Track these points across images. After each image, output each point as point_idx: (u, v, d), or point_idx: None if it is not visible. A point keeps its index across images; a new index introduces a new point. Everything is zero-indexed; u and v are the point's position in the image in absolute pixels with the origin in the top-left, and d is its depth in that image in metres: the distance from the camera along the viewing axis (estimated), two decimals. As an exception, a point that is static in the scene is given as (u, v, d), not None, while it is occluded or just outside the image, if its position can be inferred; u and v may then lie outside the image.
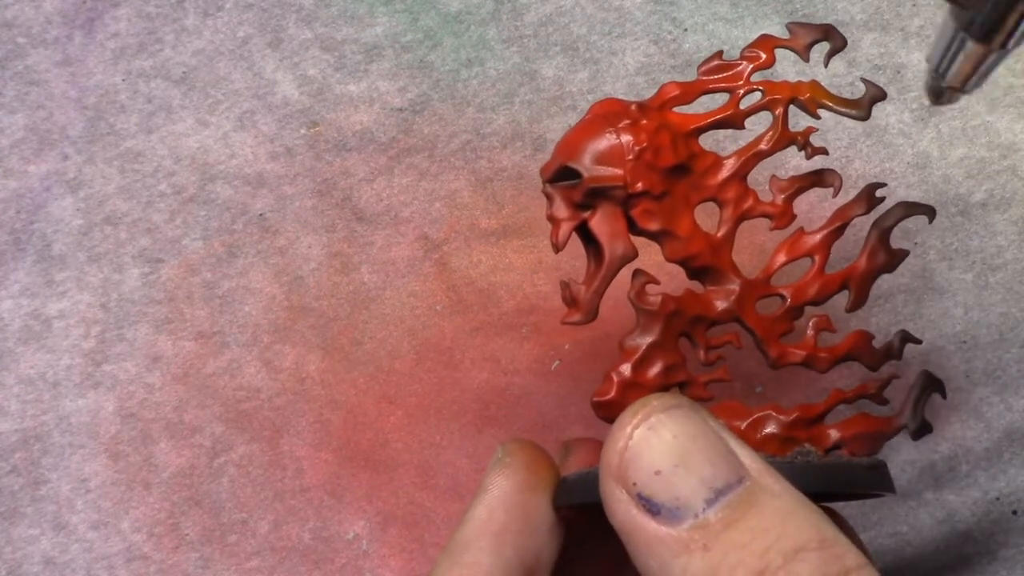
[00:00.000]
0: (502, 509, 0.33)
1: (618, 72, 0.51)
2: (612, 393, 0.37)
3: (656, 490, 0.28)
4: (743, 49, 0.40)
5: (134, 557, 0.45)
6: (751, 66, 0.40)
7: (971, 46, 0.31)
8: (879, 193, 0.41)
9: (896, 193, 0.49)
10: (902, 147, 0.49)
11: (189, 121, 0.52)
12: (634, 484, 0.28)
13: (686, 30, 0.52)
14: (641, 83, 0.51)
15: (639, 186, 0.37)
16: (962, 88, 0.32)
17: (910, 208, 0.40)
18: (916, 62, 0.51)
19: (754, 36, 0.51)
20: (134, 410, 0.47)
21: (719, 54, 0.40)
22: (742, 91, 0.40)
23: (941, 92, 0.33)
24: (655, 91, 0.40)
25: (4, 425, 0.47)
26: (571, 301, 0.37)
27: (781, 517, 0.28)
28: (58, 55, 0.53)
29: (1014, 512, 0.44)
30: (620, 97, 0.39)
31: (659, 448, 0.29)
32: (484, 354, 0.47)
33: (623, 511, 0.28)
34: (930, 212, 0.40)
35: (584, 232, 0.37)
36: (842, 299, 0.40)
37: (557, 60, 0.51)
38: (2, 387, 0.47)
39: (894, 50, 0.51)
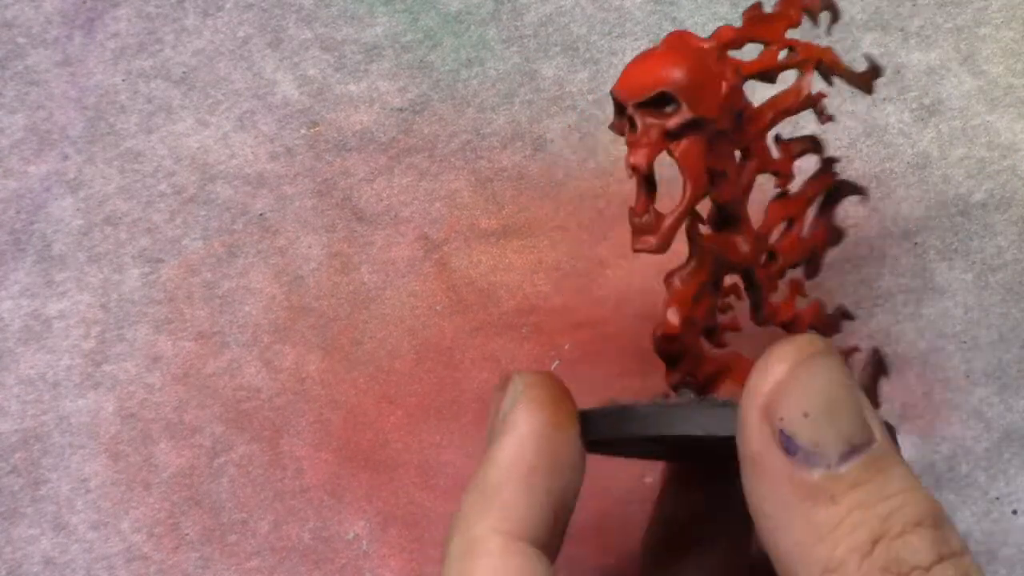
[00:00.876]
0: (532, 448, 0.31)
1: (618, 72, 0.51)
2: (677, 328, 0.36)
3: (800, 430, 0.28)
4: (775, 4, 0.40)
5: (134, 557, 0.45)
6: (785, 22, 0.40)
7: None
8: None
9: (896, 193, 0.49)
10: (902, 147, 0.49)
11: (189, 121, 0.52)
12: (781, 419, 0.28)
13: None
14: (641, 83, 0.51)
15: (726, 123, 0.37)
16: None
17: (846, 187, 0.41)
18: (916, 62, 0.51)
19: (754, 36, 0.51)
20: (134, 410, 0.47)
21: (759, 4, 0.40)
22: (778, 46, 0.40)
23: None
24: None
25: (4, 425, 0.47)
26: (647, 227, 0.36)
27: (904, 488, 0.28)
28: (58, 55, 0.53)
29: (1014, 512, 0.44)
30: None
31: (813, 390, 0.29)
32: (484, 354, 0.47)
33: (761, 443, 0.28)
34: (862, 192, 0.42)
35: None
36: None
37: (557, 60, 0.51)
38: (2, 387, 0.47)
39: (894, 50, 0.51)
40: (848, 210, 0.48)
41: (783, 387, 0.29)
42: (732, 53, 0.38)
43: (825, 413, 0.28)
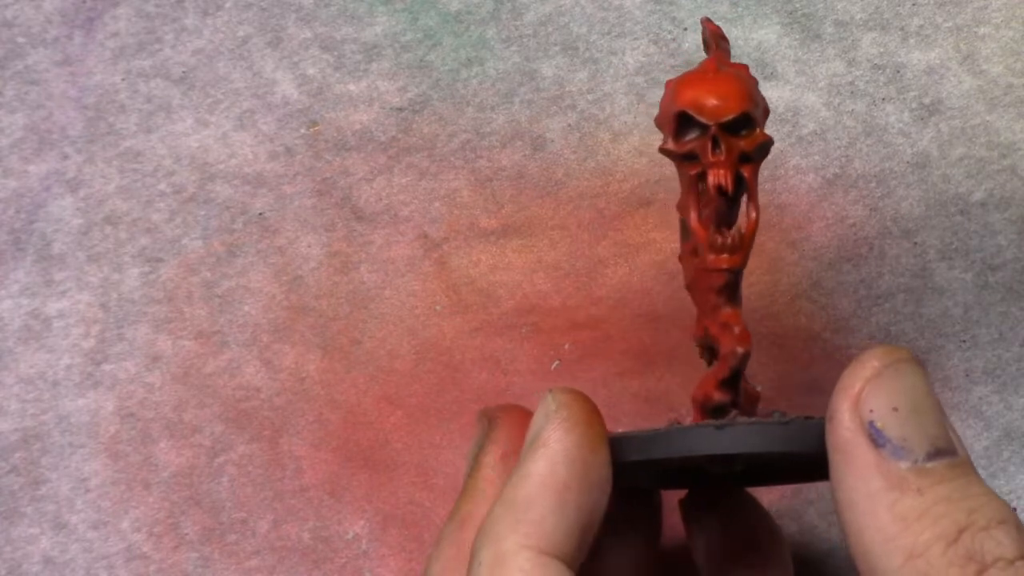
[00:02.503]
0: (564, 465, 0.32)
1: (618, 72, 0.51)
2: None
3: (889, 424, 0.30)
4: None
5: (134, 557, 0.45)
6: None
7: None
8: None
9: (896, 193, 0.49)
10: (902, 147, 0.49)
11: (189, 121, 0.52)
12: (870, 411, 0.30)
13: (686, 30, 0.52)
14: (641, 83, 0.51)
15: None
16: None
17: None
18: (916, 62, 0.51)
19: (754, 36, 0.52)
20: (134, 410, 0.47)
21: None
22: None
23: None
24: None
25: (4, 425, 0.47)
26: (733, 246, 0.37)
27: (987, 492, 0.30)
28: (58, 55, 0.53)
29: (1014, 510, 0.44)
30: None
31: (901, 389, 0.30)
32: (484, 354, 0.47)
33: (849, 433, 0.30)
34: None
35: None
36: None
37: (557, 60, 0.51)
38: (2, 386, 0.47)
39: (894, 50, 0.51)
40: (848, 209, 0.48)
41: (874, 382, 0.30)
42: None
43: (912, 412, 0.30)
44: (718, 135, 0.37)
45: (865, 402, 0.30)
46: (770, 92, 0.51)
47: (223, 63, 0.52)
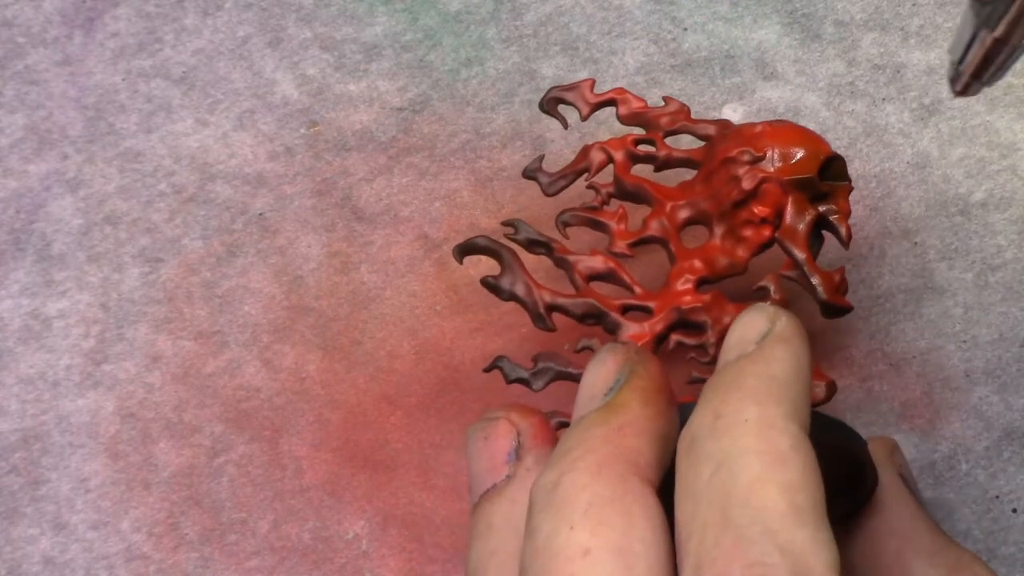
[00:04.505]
0: (802, 370, 0.31)
1: (618, 72, 0.51)
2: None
3: (908, 474, 0.36)
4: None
5: (134, 557, 0.45)
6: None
7: (988, 39, 0.32)
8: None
9: (896, 193, 0.49)
10: (902, 147, 0.49)
11: (189, 121, 0.52)
12: (900, 464, 0.36)
13: (686, 30, 0.52)
14: (641, 83, 0.51)
15: None
16: (982, 80, 0.33)
17: None
18: (916, 62, 0.51)
19: (754, 36, 0.52)
20: (134, 410, 0.47)
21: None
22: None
23: (965, 85, 0.34)
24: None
25: (4, 425, 0.47)
26: (839, 287, 0.41)
27: None
28: (58, 55, 0.53)
29: (1014, 510, 0.44)
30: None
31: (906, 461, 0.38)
32: (484, 354, 0.47)
33: (896, 477, 0.36)
34: None
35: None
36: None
37: (557, 60, 0.51)
38: (2, 387, 0.47)
39: (894, 50, 0.51)
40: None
41: (898, 450, 0.37)
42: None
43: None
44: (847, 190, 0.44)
45: (898, 459, 0.40)
46: (770, 92, 0.51)
47: (223, 63, 0.52)
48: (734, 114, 0.50)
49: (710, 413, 0.29)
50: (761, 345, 0.31)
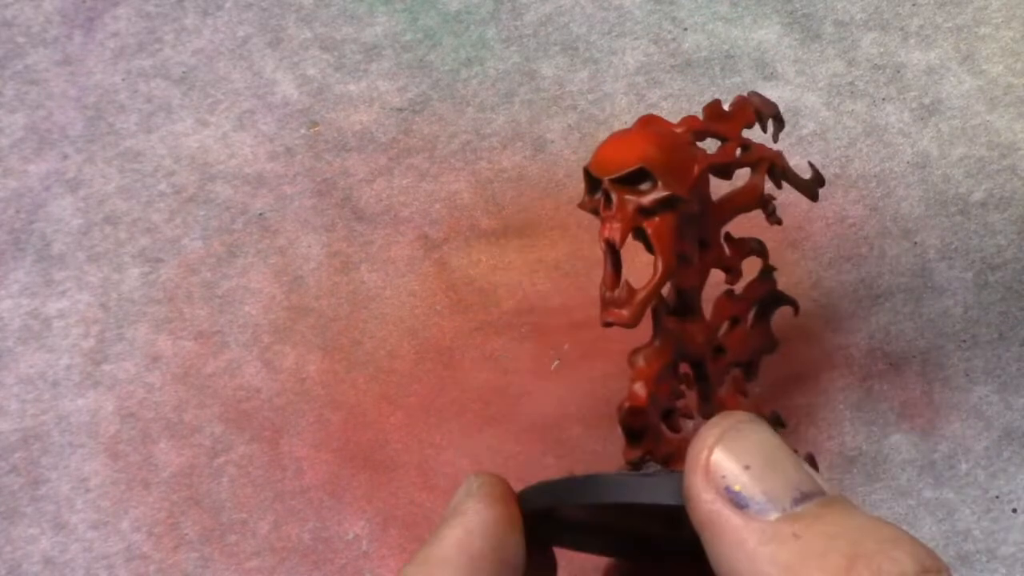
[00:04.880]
0: (480, 537, 0.33)
1: (618, 72, 0.51)
2: (644, 401, 0.37)
3: (746, 483, 0.29)
4: (731, 104, 0.41)
5: (134, 556, 0.45)
6: (742, 121, 0.41)
7: None
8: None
9: (896, 192, 0.49)
10: (902, 146, 0.49)
11: (189, 121, 0.52)
12: (723, 477, 0.29)
13: (686, 30, 0.52)
14: (641, 83, 0.51)
15: (695, 207, 0.38)
16: None
17: (781, 299, 0.43)
18: (916, 62, 0.51)
19: (754, 36, 0.52)
20: (134, 410, 0.47)
21: (719, 101, 0.41)
22: (735, 143, 0.40)
23: None
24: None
25: (4, 425, 0.47)
26: (620, 301, 0.37)
27: (870, 518, 0.28)
28: (58, 55, 0.53)
29: (1014, 510, 0.44)
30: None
31: (749, 447, 0.30)
32: (484, 354, 0.47)
33: (709, 504, 0.29)
34: (794, 305, 0.44)
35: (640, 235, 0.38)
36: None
37: (557, 60, 0.51)
38: (2, 387, 0.47)
39: (894, 50, 0.51)
40: (848, 209, 0.48)
41: (720, 449, 0.30)
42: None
43: (767, 464, 0.29)
44: (609, 190, 0.37)
45: (715, 471, 0.29)
46: (770, 92, 0.51)
47: (223, 63, 0.52)
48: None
49: None
50: (441, 521, 0.34)
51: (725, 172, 0.40)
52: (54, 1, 0.53)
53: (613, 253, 0.37)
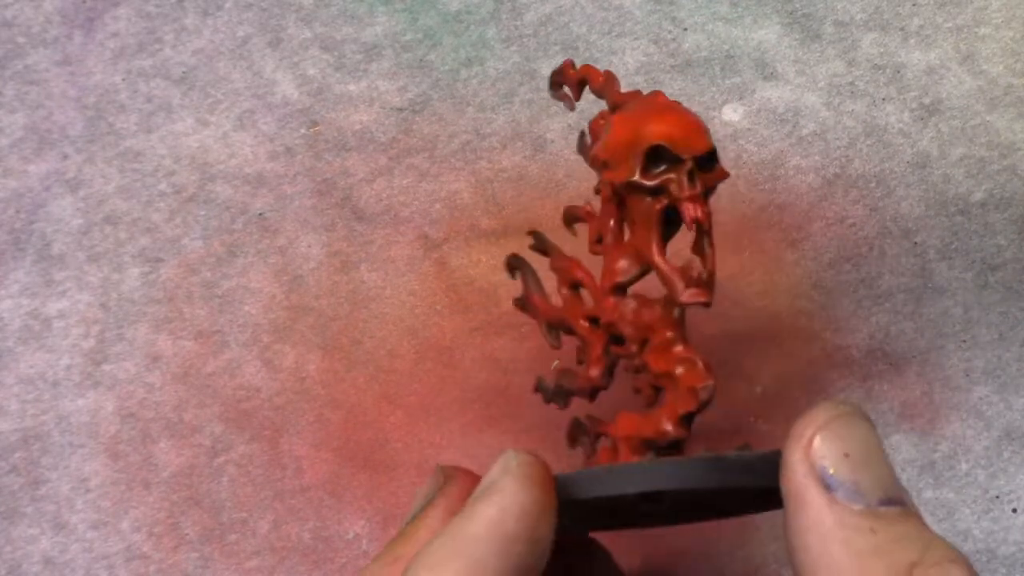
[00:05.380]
0: (515, 518, 0.32)
1: (618, 71, 0.51)
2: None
3: (841, 469, 0.31)
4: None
5: (134, 556, 0.45)
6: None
7: None
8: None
9: (896, 192, 0.49)
10: (902, 147, 0.49)
11: (189, 121, 0.52)
12: (822, 457, 0.31)
13: (686, 30, 0.52)
14: (641, 82, 0.51)
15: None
16: None
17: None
18: (916, 62, 0.51)
19: (754, 36, 0.52)
20: (134, 410, 0.47)
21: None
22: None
23: None
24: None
25: (4, 425, 0.47)
26: (706, 282, 0.37)
27: (939, 537, 0.30)
28: (58, 55, 0.53)
29: (1014, 510, 0.44)
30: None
31: (853, 437, 0.31)
32: (484, 354, 0.47)
33: (803, 478, 0.31)
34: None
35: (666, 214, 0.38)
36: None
37: (557, 60, 0.51)
38: (2, 387, 0.47)
39: (894, 50, 0.51)
40: (848, 209, 0.48)
41: (825, 430, 0.31)
42: None
43: (864, 458, 0.31)
44: (694, 170, 0.37)
45: (817, 449, 0.31)
46: (770, 92, 0.51)
47: (223, 63, 0.52)
48: (734, 114, 0.50)
49: (404, 574, 0.32)
50: (476, 498, 0.33)
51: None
52: (54, 1, 0.53)
53: (703, 233, 0.37)
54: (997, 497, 0.44)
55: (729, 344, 0.47)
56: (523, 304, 0.43)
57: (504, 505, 0.32)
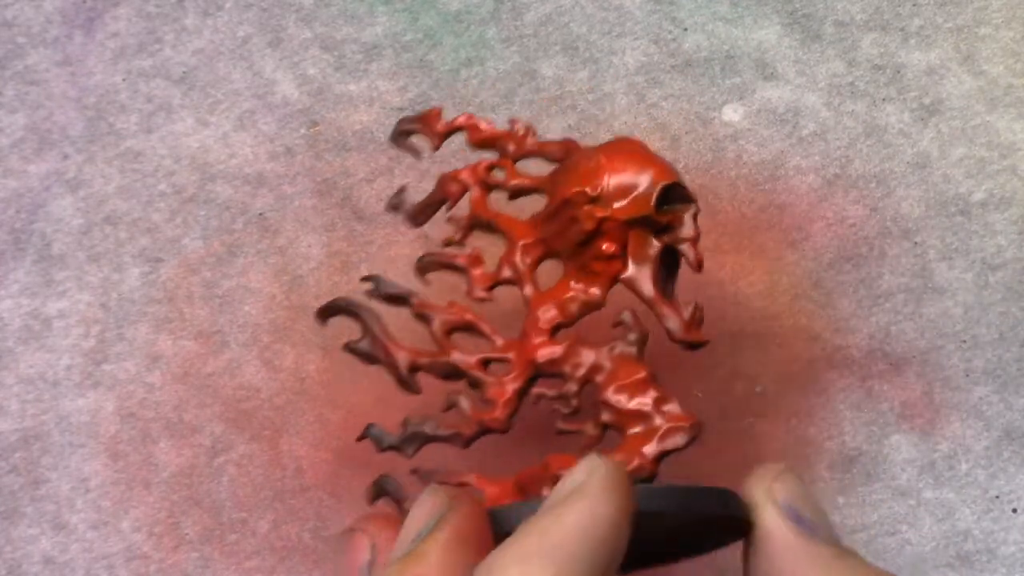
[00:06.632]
0: (606, 525, 0.32)
1: (618, 72, 0.51)
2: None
3: (803, 507, 0.34)
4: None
5: (134, 556, 0.45)
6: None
7: None
8: None
9: (896, 193, 0.49)
10: (902, 147, 0.49)
11: (189, 121, 0.52)
12: (785, 496, 0.34)
13: (686, 30, 0.52)
14: (641, 83, 0.51)
15: None
16: None
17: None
18: (916, 62, 0.51)
19: (754, 36, 0.52)
20: (134, 410, 0.47)
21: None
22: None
23: None
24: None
25: (4, 425, 0.47)
26: (695, 321, 0.41)
27: (879, 571, 0.33)
28: (58, 55, 0.53)
29: (1014, 510, 0.44)
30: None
31: (800, 484, 0.35)
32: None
33: (773, 518, 0.34)
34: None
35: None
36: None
37: (557, 60, 0.51)
38: (2, 387, 0.47)
39: (894, 50, 0.51)
40: (848, 209, 0.48)
41: (782, 478, 0.34)
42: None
43: (812, 498, 0.34)
44: (698, 212, 0.40)
45: (778, 492, 0.34)
46: (770, 92, 0.51)
47: (223, 63, 0.52)
48: (734, 114, 0.50)
49: (485, 566, 0.31)
50: (564, 499, 0.33)
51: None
52: (54, 1, 0.53)
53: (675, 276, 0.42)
54: (997, 497, 0.44)
55: (729, 344, 0.47)
56: (367, 351, 0.42)
57: (596, 511, 0.32)
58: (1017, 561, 0.43)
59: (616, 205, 0.40)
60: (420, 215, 0.45)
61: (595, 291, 0.41)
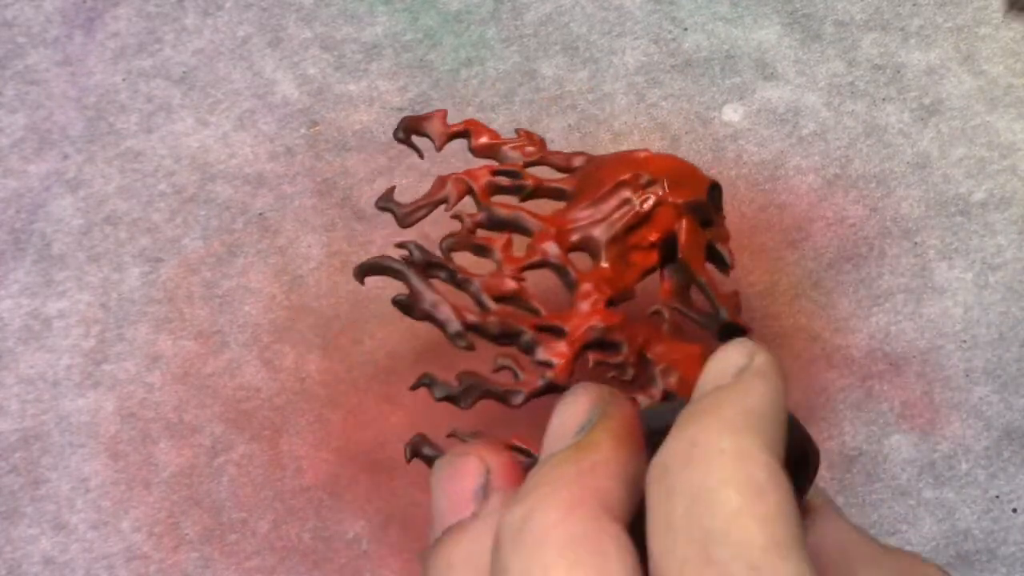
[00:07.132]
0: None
1: (618, 71, 0.51)
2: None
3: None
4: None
5: (134, 557, 0.45)
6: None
7: None
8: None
9: (896, 193, 0.49)
10: (902, 147, 0.49)
11: (189, 121, 0.52)
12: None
13: (686, 30, 0.52)
14: (641, 83, 0.51)
15: None
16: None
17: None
18: (916, 62, 0.51)
19: (754, 36, 0.52)
20: (134, 410, 0.47)
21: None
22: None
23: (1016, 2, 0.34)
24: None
25: (4, 425, 0.47)
26: (738, 309, 0.42)
27: None
28: (58, 55, 0.53)
29: (1014, 510, 0.44)
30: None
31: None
32: (484, 354, 0.47)
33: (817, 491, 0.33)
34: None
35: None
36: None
37: (557, 59, 0.51)
38: (2, 387, 0.47)
39: (894, 50, 0.51)
40: (848, 209, 0.48)
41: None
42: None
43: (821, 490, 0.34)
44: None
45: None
46: (770, 92, 0.51)
47: (223, 63, 0.52)
48: (734, 114, 0.50)
49: (685, 442, 0.29)
50: (739, 378, 0.31)
51: None
52: (54, 1, 0.53)
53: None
54: (997, 497, 0.44)
55: (729, 344, 0.47)
56: (419, 306, 0.42)
57: (776, 384, 0.31)
58: (1017, 561, 0.43)
59: (671, 189, 0.42)
60: (411, 215, 0.44)
61: (628, 280, 0.42)
